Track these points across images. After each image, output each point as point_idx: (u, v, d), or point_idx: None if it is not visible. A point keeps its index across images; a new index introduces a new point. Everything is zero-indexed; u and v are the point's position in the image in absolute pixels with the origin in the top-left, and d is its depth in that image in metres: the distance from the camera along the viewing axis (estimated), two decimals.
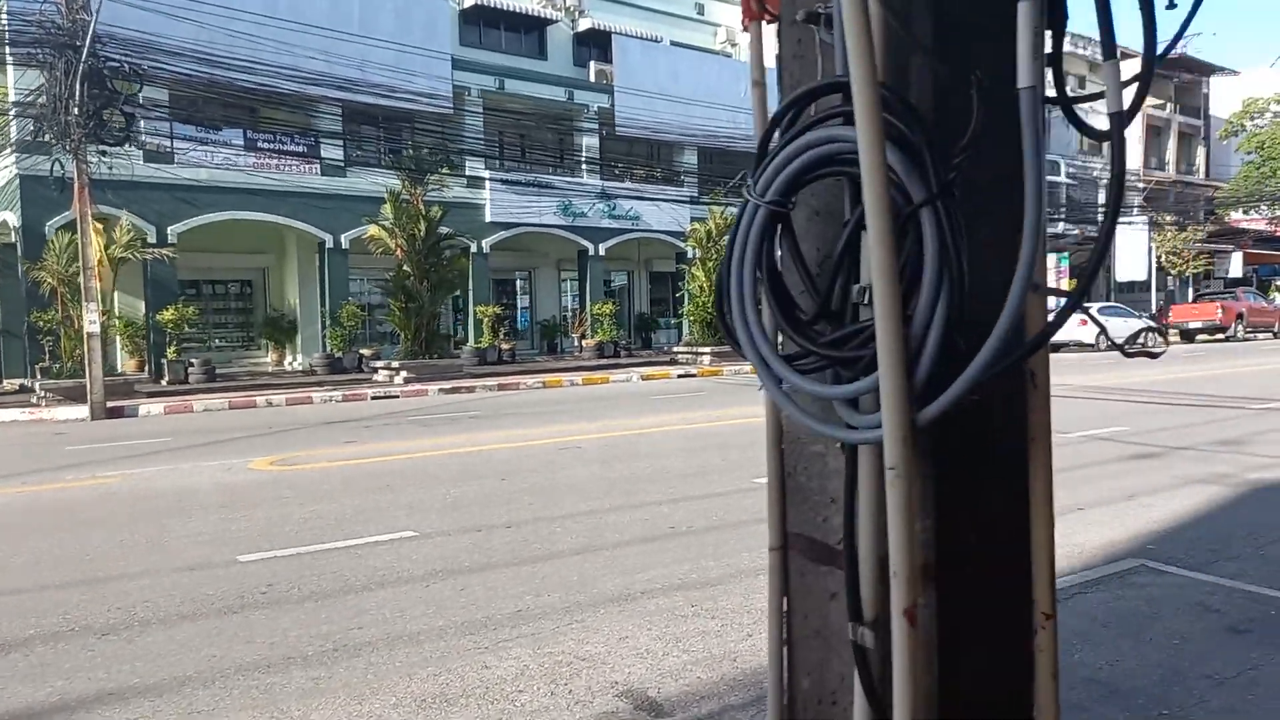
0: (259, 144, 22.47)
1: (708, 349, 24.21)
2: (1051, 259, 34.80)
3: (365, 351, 22.76)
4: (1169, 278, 41.25)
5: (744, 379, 20.27)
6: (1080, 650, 3.84)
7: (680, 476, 7.93)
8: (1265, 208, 43.88)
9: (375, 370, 20.47)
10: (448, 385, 18.58)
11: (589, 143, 28.19)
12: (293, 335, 24.81)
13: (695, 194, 30.17)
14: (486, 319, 25.04)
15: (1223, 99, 52.98)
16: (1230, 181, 48.34)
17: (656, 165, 30.84)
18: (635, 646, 4.01)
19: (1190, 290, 43.98)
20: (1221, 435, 9.57)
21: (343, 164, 23.37)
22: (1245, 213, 47.77)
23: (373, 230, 20.31)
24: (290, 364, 24.63)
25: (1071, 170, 44.62)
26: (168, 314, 19.43)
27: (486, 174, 25.87)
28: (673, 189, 29.90)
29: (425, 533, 6.11)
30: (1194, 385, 15.23)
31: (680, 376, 21.33)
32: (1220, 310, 31.38)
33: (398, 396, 17.61)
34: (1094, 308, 28.30)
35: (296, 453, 10.09)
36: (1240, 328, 31.95)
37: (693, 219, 28.31)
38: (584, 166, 28.25)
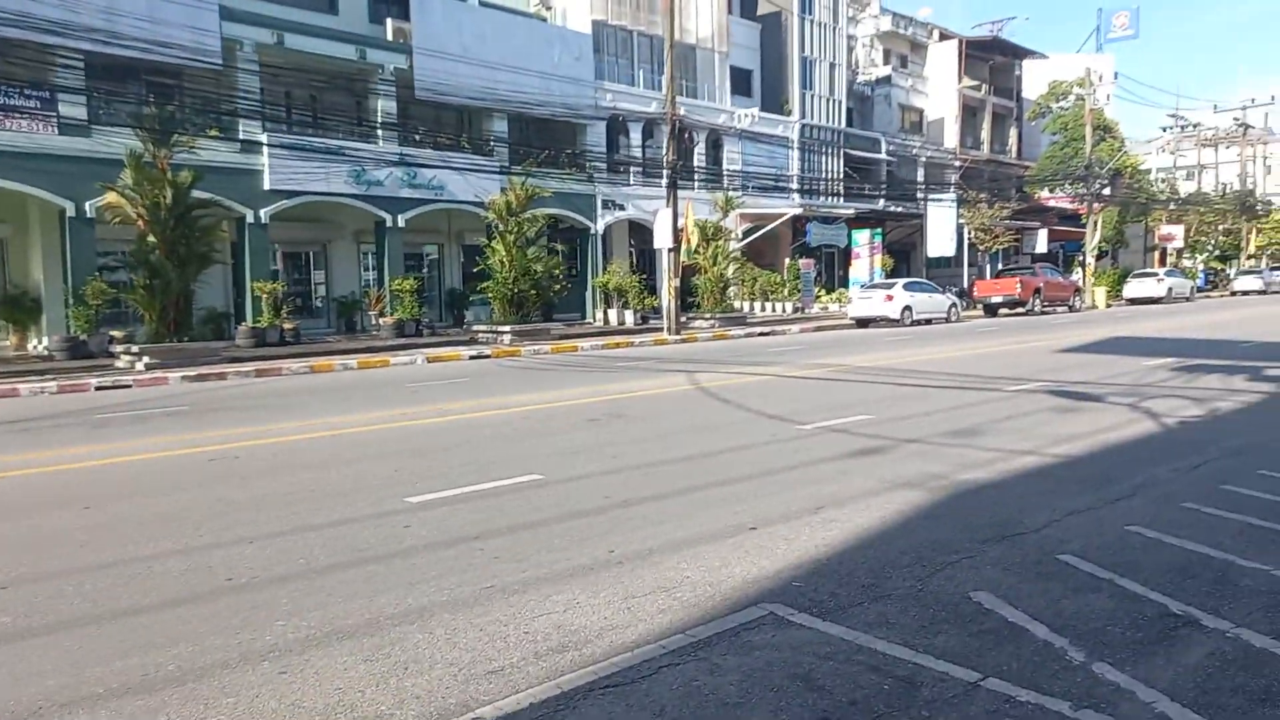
0: None
1: (508, 328, 22.93)
2: (865, 234, 35.27)
3: (116, 333, 20.29)
4: (979, 254, 42.69)
5: (540, 360, 19.13)
6: None
7: (324, 495, 6.66)
8: (1068, 186, 46.03)
9: (118, 356, 18.20)
10: (195, 373, 16.60)
11: (385, 106, 26.22)
12: (37, 315, 22.02)
13: (506, 164, 28.70)
14: (266, 296, 22.90)
15: (1033, 82, 55.44)
16: (1037, 161, 50.62)
17: (464, 133, 29.12)
18: None
19: (1000, 266, 45.79)
20: (960, 424, 9.06)
21: (86, 123, 20.70)
22: (1051, 191, 50.08)
23: (110, 197, 17.92)
24: (35, 347, 21.84)
25: (891, 148, 45.54)
26: None
27: (264, 137, 23.60)
28: (482, 158, 28.30)
29: None
30: (966, 364, 15.10)
31: (472, 358, 19.99)
32: (1019, 285, 32.46)
33: (130, 386, 15.55)
34: (900, 283, 28.70)
35: None
36: (1038, 302, 33.18)
37: (503, 190, 26.85)
38: (379, 132, 26.27)
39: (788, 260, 38.60)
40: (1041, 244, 48.87)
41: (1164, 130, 57.41)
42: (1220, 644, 3.76)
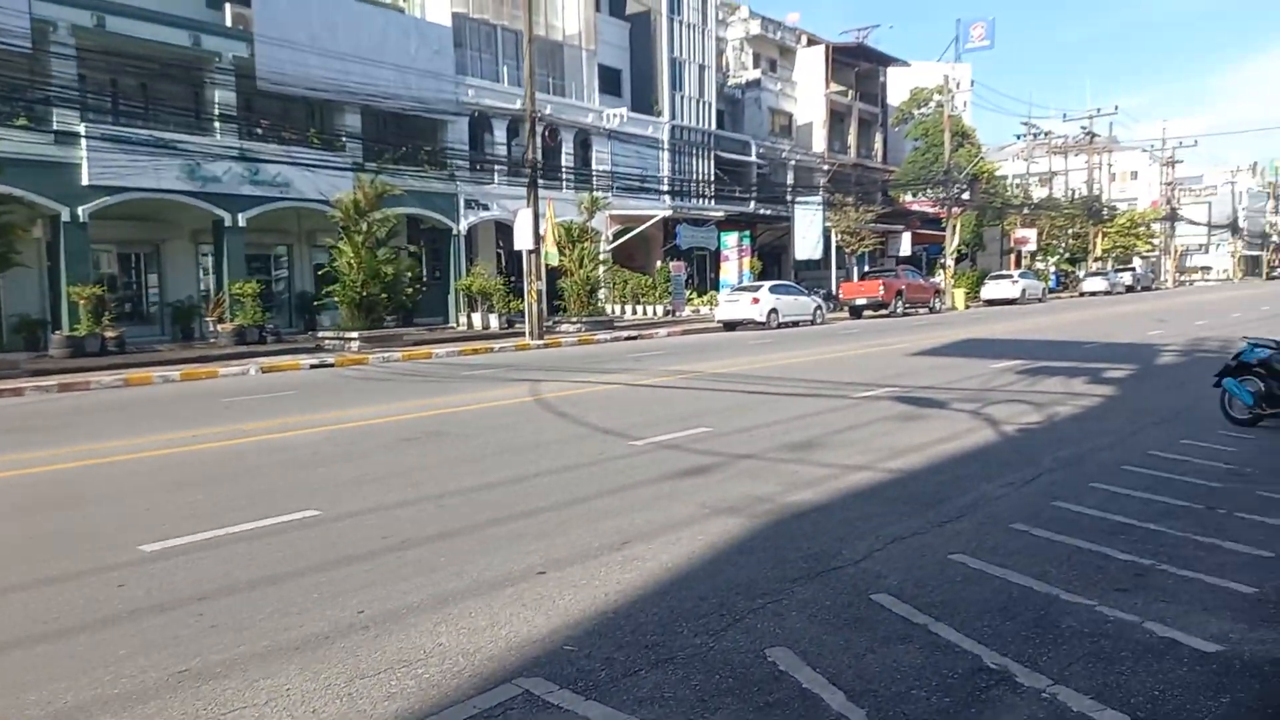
0: None
1: (356, 334, 21.65)
2: (734, 237, 35.24)
3: None
4: (846, 256, 43.40)
5: (386, 369, 17.99)
6: None
7: (39, 544, 5.60)
8: (930, 191, 47.33)
9: None
10: None
11: (224, 97, 24.44)
12: None
13: (360, 160, 27.28)
14: (85, 301, 20.90)
15: (897, 89, 56.99)
16: (900, 166, 51.97)
17: (312, 127, 27.51)
18: None
19: (866, 268, 46.71)
20: (800, 436, 8.60)
21: None
22: (914, 195, 51.45)
23: None
24: None
25: (761, 151, 45.87)
26: None
27: (82, 128, 21.56)
28: (332, 154, 26.77)
29: None
30: (822, 369, 14.85)
31: (313, 367, 18.68)
32: (882, 287, 32.98)
33: None
34: (766, 286, 28.65)
35: None
36: (900, 304, 33.81)
37: (356, 188, 25.47)
38: (217, 124, 24.48)
39: (659, 263, 38.27)
40: (906, 247, 50.14)
41: (1018, 138, 59.94)
42: (1034, 709, 3.24)
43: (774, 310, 28.14)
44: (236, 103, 24.84)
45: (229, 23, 25.43)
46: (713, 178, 42.15)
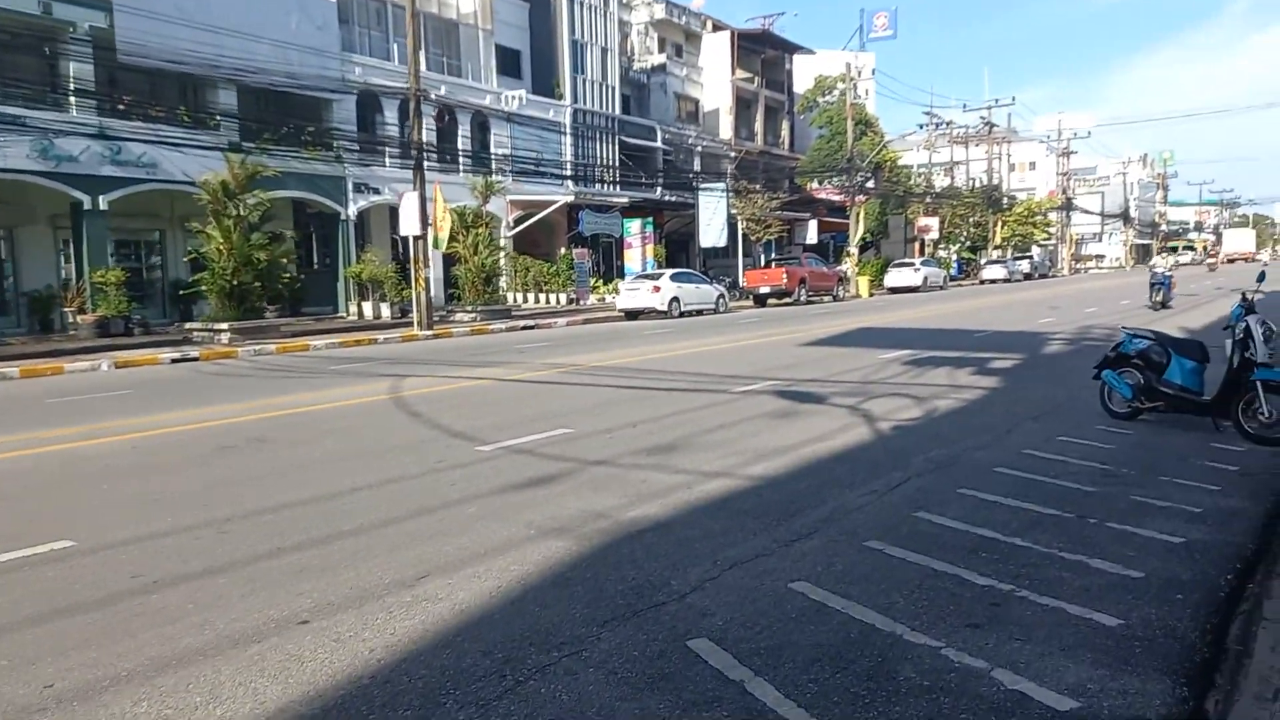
0: None
1: (226, 325, 20.28)
2: (637, 223, 34.59)
3: None
4: (753, 244, 43.21)
5: (253, 364, 16.77)
6: None
7: None
8: (835, 179, 47.49)
9: None
10: None
11: (79, 70, 22.60)
12: None
13: (238, 140, 25.69)
14: None
15: (804, 77, 57.15)
16: (806, 153, 52.09)
17: (183, 105, 25.76)
18: None
19: (774, 256, 46.65)
20: (665, 437, 7.95)
21: None
22: (820, 183, 51.64)
23: None
24: None
25: (667, 137, 45.33)
26: None
27: None
28: (207, 134, 25.10)
29: None
30: (711, 360, 14.29)
31: (174, 361, 17.32)
32: (785, 276, 32.78)
33: None
34: (667, 274, 28.08)
35: None
36: (804, 292, 33.68)
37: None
38: (73, 99, 22.65)
39: (564, 250, 37.40)
40: (812, 235, 50.35)
41: (920, 128, 60.77)
42: None
43: (675, 299, 27.61)
44: (96, 76, 23.04)
45: None
46: (617, 163, 41.40)
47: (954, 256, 57.54)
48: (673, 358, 14.94)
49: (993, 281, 52.20)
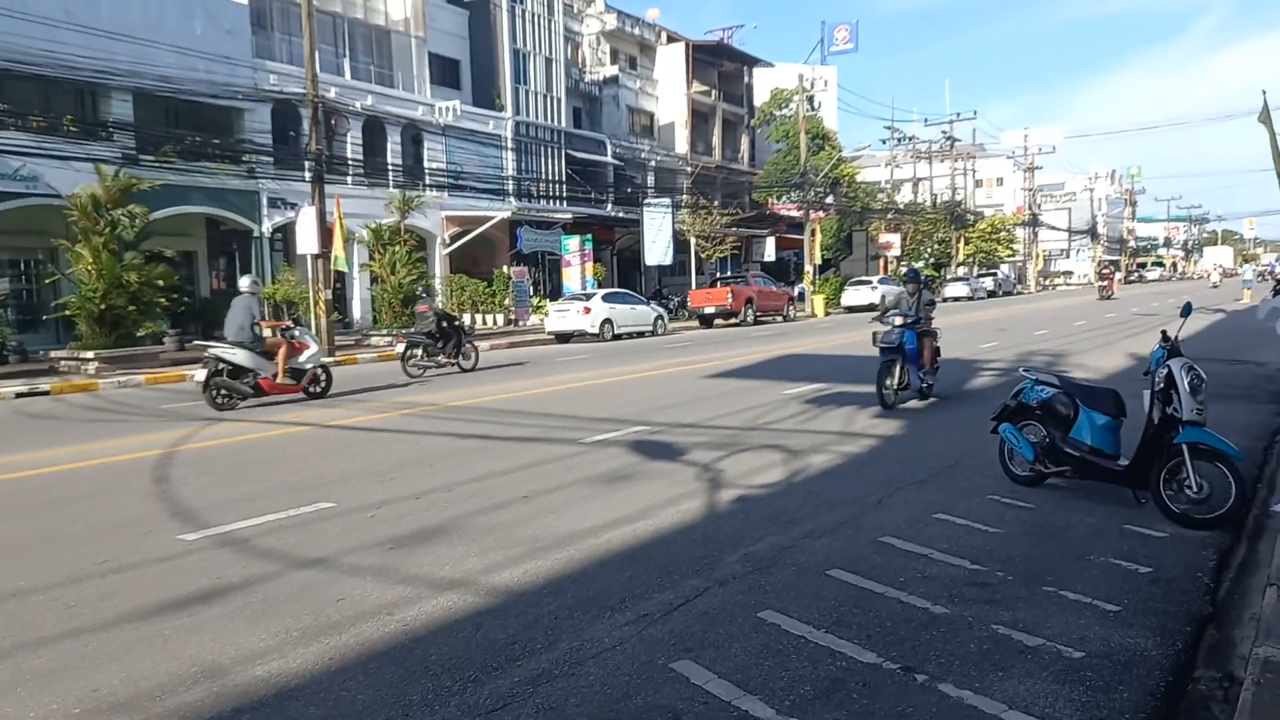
0: None
1: (93, 353, 18.39)
2: (575, 240, 32.96)
3: None
4: (704, 262, 41.65)
5: (105, 399, 14.90)
6: None
7: None
8: (794, 194, 46.05)
9: None
10: None
11: None
12: None
13: (134, 152, 23.90)
14: None
15: (764, 90, 55.80)
16: (763, 168, 50.72)
17: (71, 114, 23.88)
18: None
19: (728, 274, 45.09)
20: (441, 516, 6.23)
21: None
22: (779, 199, 50.21)
23: None
24: None
25: (619, 151, 43.83)
26: None
27: None
28: (100, 145, 23.23)
29: None
30: (593, 396, 12.62)
31: (19, 395, 15.42)
32: (730, 295, 31.18)
33: None
34: (599, 295, 26.42)
35: None
36: (751, 312, 32.08)
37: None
38: None
39: (505, 268, 35.66)
40: (770, 252, 48.87)
41: (883, 142, 59.65)
42: None
43: (608, 321, 25.91)
44: None
45: None
46: (563, 177, 39.79)
47: None
48: (555, 394, 13.24)
49: (955, 299, 50.84)
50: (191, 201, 25.99)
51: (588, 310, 25.57)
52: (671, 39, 50.92)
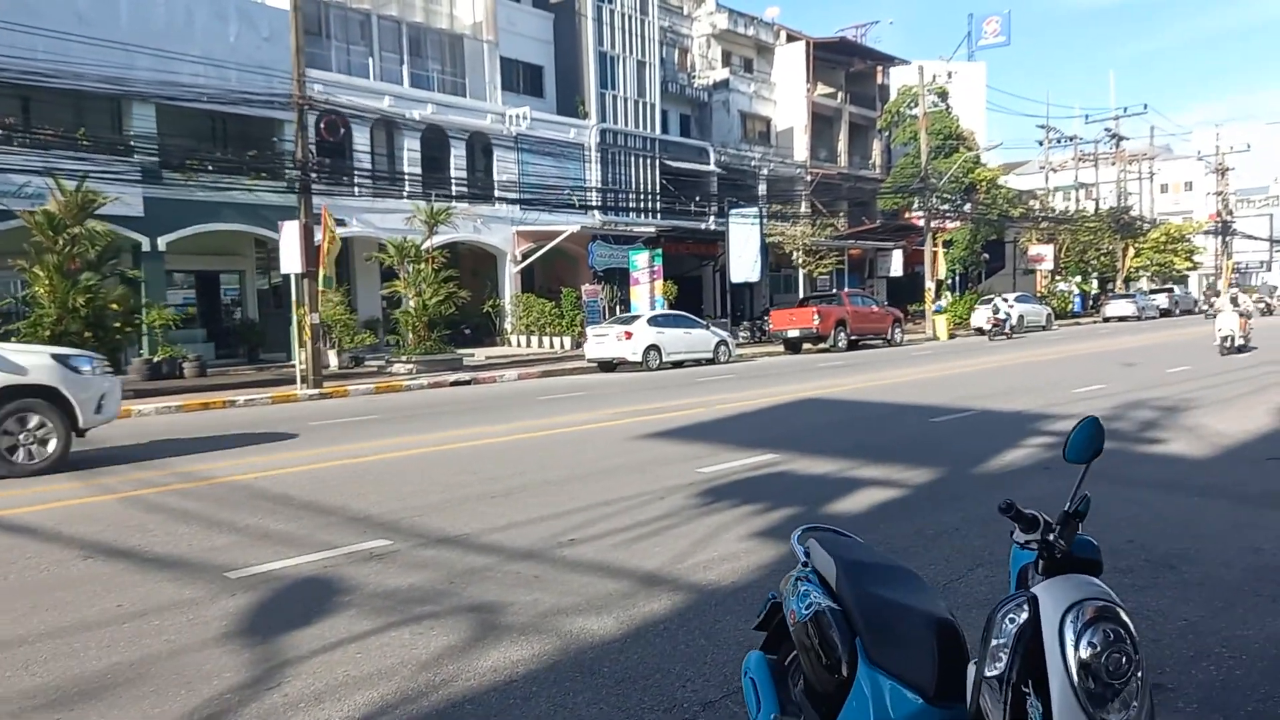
0: None
1: None
2: (644, 256, 29.87)
3: None
4: (810, 278, 37.51)
5: None
6: None
7: None
8: (917, 202, 41.14)
9: None
10: None
11: None
12: None
13: (157, 166, 22.78)
14: None
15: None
16: (890, 174, 45.96)
17: (83, 127, 22.90)
18: None
19: (849, 289, 40.57)
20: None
21: None
22: (910, 208, 45.24)
23: None
24: None
25: (725, 159, 40.40)
26: None
27: None
28: (120, 160, 22.16)
29: None
30: (496, 458, 9.40)
31: None
32: (816, 316, 27.12)
33: None
34: (644, 318, 23.21)
35: None
36: (844, 335, 27.88)
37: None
38: None
39: (586, 287, 32.93)
40: (897, 266, 44.04)
41: (1038, 144, 53.19)
42: None
43: (654, 348, 22.56)
44: None
45: None
46: (657, 189, 36.75)
47: (1075, 290, 49.56)
48: (515, 441, 10.13)
49: (1120, 319, 44.13)
50: (222, 218, 24.66)
51: (629, 335, 22.32)
52: (791, 38, 47.02)
